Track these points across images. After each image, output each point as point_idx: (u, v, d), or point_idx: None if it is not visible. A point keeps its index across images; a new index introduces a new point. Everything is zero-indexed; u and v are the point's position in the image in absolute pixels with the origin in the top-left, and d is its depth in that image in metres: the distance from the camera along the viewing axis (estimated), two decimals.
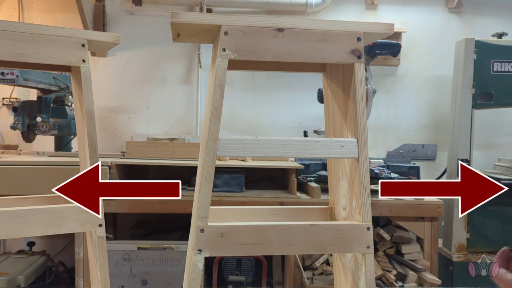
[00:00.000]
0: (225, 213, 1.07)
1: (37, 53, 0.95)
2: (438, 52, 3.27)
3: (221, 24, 0.86)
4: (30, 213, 0.95)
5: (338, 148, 0.91)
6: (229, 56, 0.86)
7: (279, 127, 3.27)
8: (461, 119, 2.65)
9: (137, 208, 2.25)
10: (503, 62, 2.58)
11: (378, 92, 3.01)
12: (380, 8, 3.28)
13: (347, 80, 0.97)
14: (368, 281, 0.92)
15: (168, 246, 2.27)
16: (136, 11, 3.20)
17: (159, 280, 2.26)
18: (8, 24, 0.92)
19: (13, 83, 2.28)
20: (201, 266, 0.88)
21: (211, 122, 0.87)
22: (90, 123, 1.01)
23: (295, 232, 0.90)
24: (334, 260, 1.13)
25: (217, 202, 2.18)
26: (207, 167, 0.87)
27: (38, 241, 2.75)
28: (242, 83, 3.26)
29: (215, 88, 0.87)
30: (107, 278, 1.04)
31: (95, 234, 1.02)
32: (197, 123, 3.23)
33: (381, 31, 0.93)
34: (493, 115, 3.17)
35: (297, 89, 3.25)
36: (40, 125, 2.42)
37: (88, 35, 1.01)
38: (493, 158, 3.17)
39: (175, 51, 3.22)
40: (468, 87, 2.62)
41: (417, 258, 2.25)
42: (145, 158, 2.44)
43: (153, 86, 3.23)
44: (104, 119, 3.20)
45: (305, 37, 0.89)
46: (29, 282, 2.20)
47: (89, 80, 1.01)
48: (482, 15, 3.29)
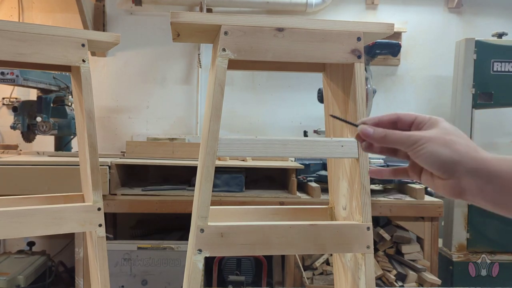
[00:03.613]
0: (225, 213, 1.07)
1: (37, 53, 0.95)
2: (438, 52, 3.27)
3: (221, 24, 0.86)
4: (30, 213, 0.95)
5: (338, 148, 0.91)
6: (229, 56, 0.86)
7: (279, 127, 3.27)
8: (461, 119, 2.65)
9: (137, 208, 2.25)
10: (503, 62, 2.58)
11: (378, 92, 3.01)
12: (380, 8, 3.28)
13: (347, 80, 0.97)
14: (368, 281, 0.92)
15: (168, 246, 2.27)
16: (136, 11, 3.20)
17: (159, 280, 2.26)
18: (8, 24, 0.92)
19: (13, 83, 2.27)
20: (201, 266, 0.88)
21: (211, 122, 0.87)
22: (90, 123, 1.01)
23: (295, 232, 0.90)
24: (334, 260, 1.13)
25: (217, 202, 2.18)
26: (207, 167, 0.87)
27: (38, 241, 2.76)
28: (242, 83, 3.26)
29: (215, 88, 0.87)
30: (107, 278, 1.04)
31: (95, 234, 1.02)
32: (197, 123, 3.23)
33: (381, 31, 0.93)
34: (493, 115, 3.17)
35: (297, 89, 3.25)
36: (40, 125, 2.42)
37: (88, 35, 1.01)
38: None
39: (175, 51, 3.22)
40: (468, 87, 2.62)
41: (417, 258, 2.25)
42: (145, 158, 2.44)
43: (153, 86, 3.23)
44: (104, 119, 3.20)
45: (305, 37, 0.89)
46: (29, 282, 2.20)
47: (89, 80, 1.01)
48: (482, 15, 3.29)
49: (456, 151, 0.54)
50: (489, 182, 0.52)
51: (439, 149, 0.55)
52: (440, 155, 0.54)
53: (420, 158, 0.56)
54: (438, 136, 0.56)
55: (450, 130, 0.57)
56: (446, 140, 0.55)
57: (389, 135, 0.59)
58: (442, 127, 0.58)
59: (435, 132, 0.57)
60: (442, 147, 0.55)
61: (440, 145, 0.55)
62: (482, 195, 0.53)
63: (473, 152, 0.54)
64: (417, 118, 0.60)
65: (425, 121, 0.60)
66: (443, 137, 0.56)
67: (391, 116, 0.62)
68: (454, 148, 0.54)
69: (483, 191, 0.53)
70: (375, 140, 0.60)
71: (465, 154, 0.54)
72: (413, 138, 0.57)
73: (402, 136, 0.58)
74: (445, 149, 0.54)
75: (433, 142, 0.55)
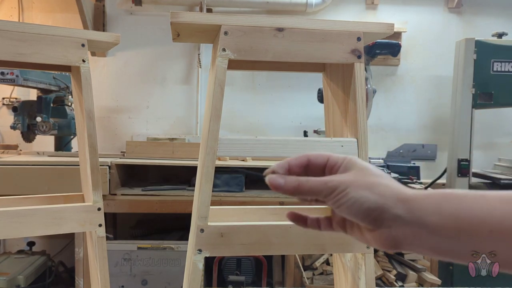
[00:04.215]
0: (225, 213, 1.07)
1: (37, 53, 0.95)
2: (438, 52, 3.27)
3: (221, 24, 0.86)
4: (30, 213, 0.95)
5: (338, 148, 0.91)
6: (229, 56, 0.86)
7: (279, 127, 3.27)
8: (461, 119, 2.65)
9: (137, 208, 2.25)
10: (503, 62, 2.58)
11: (378, 92, 3.01)
12: (380, 8, 3.28)
13: (347, 80, 0.96)
14: (368, 281, 0.92)
15: (168, 246, 2.27)
16: (136, 11, 3.20)
17: (159, 280, 2.26)
18: (8, 24, 0.92)
19: (13, 83, 2.27)
20: (201, 266, 0.88)
21: (211, 122, 0.87)
22: (90, 123, 1.01)
23: (295, 232, 0.90)
24: (334, 260, 1.13)
25: (217, 202, 2.18)
26: (207, 167, 0.87)
27: (38, 241, 2.76)
28: (242, 83, 3.26)
29: (215, 88, 0.87)
30: (107, 278, 1.04)
31: (95, 234, 1.02)
32: (197, 123, 3.23)
33: (381, 31, 0.93)
34: (493, 115, 3.17)
35: (297, 89, 3.25)
36: (40, 125, 2.42)
37: (88, 35, 1.01)
38: (493, 158, 3.17)
39: (175, 51, 3.22)
40: (468, 87, 2.61)
41: (417, 258, 2.25)
42: (145, 158, 2.44)
43: (153, 86, 3.23)
44: (104, 119, 3.20)
45: (305, 37, 0.89)
46: (29, 282, 2.20)
47: (89, 80, 1.01)
48: (482, 15, 3.29)
49: (381, 195, 0.46)
50: (421, 226, 0.44)
51: (363, 194, 0.46)
52: (364, 201, 0.46)
53: (342, 208, 0.47)
54: (358, 179, 0.47)
55: (370, 170, 0.49)
56: (368, 183, 0.47)
57: (303, 184, 0.49)
58: (360, 168, 0.49)
59: (353, 175, 0.48)
60: (365, 191, 0.46)
61: (363, 189, 0.46)
62: (419, 243, 0.45)
63: (398, 193, 0.46)
64: (329, 160, 0.51)
65: (339, 162, 0.51)
66: (363, 179, 0.47)
67: (301, 159, 0.52)
68: (378, 191, 0.46)
69: (418, 237, 0.45)
70: (287, 192, 0.49)
71: (390, 196, 0.46)
72: (330, 185, 0.47)
73: (317, 184, 0.48)
74: (369, 193, 0.46)
75: (354, 187, 0.46)
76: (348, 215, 0.47)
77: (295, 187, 0.49)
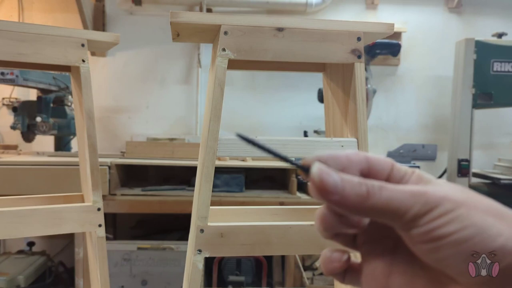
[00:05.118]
0: (225, 213, 1.07)
1: (37, 53, 0.95)
2: (438, 52, 3.27)
3: (220, 23, 0.86)
4: (30, 213, 0.95)
5: (338, 148, 0.91)
6: (229, 56, 0.86)
7: (279, 127, 3.27)
8: (461, 119, 2.65)
9: (137, 208, 2.25)
10: (503, 62, 2.58)
11: (378, 92, 3.01)
12: (380, 8, 3.28)
13: (347, 80, 0.96)
14: None
15: (168, 246, 2.27)
16: (136, 11, 3.20)
17: (159, 280, 2.26)
18: (8, 24, 0.92)
19: (13, 83, 2.27)
20: (201, 266, 0.88)
21: (211, 122, 0.87)
22: (90, 123, 1.01)
23: (295, 232, 0.90)
24: None
25: (217, 202, 2.18)
26: (207, 167, 0.87)
27: (38, 241, 2.75)
28: (242, 83, 3.26)
29: (215, 88, 0.87)
30: (107, 278, 1.04)
31: (95, 234, 1.02)
32: (197, 123, 3.23)
33: (381, 31, 0.93)
34: (493, 115, 3.18)
35: (297, 89, 3.25)
36: (40, 125, 2.42)
37: (88, 35, 1.01)
38: (493, 158, 3.17)
39: (175, 51, 3.22)
40: (468, 87, 2.62)
41: None
42: (145, 158, 2.44)
43: (153, 86, 3.23)
44: (104, 119, 3.20)
45: (305, 37, 0.89)
46: (29, 282, 2.20)
47: (88, 80, 1.01)
48: (482, 15, 3.29)
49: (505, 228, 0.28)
50: None
51: (489, 221, 0.27)
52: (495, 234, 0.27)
53: (446, 241, 0.28)
54: (470, 197, 0.29)
55: (460, 187, 0.30)
56: (490, 205, 0.29)
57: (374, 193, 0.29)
58: (448, 183, 0.31)
59: (450, 188, 0.29)
60: (490, 218, 0.28)
61: (487, 214, 0.28)
62: None
63: None
64: (394, 168, 0.32)
65: (408, 174, 0.32)
66: (476, 198, 0.29)
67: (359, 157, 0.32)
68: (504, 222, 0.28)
69: None
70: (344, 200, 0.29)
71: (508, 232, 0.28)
72: (426, 198, 0.28)
73: (401, 196, 0.28)
74: (499, 222, 0.28)
75: (469, 207, 0.28)
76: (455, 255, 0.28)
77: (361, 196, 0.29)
